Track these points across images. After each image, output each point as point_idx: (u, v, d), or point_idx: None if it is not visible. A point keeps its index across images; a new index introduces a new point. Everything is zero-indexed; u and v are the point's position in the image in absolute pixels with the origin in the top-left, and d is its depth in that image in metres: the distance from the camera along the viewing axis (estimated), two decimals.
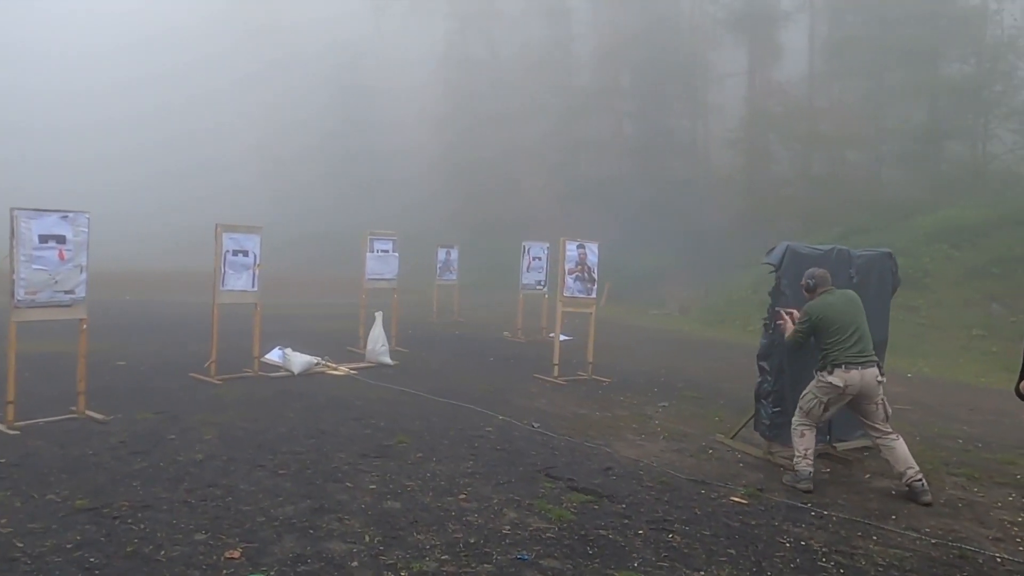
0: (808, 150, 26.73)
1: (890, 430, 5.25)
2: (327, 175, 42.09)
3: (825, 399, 5.21)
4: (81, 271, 6.17)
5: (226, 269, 8.25)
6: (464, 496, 4.70)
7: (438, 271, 16.17)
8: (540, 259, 13.11)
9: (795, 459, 5.34)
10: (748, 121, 27.84)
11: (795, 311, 5.70)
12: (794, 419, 5.45)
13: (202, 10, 49.69)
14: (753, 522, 4.53)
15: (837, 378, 5.11)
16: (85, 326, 6.36)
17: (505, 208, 36.80)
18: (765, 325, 6.11)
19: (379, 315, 9.80)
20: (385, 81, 42.75)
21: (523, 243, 13.09)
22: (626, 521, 4.40)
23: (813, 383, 5.34)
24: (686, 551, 4.04)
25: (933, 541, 4.37)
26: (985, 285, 13.42)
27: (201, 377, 8.17)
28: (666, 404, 8.03)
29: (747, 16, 27.89)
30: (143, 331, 11.99)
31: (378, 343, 9.65)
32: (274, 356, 9.46)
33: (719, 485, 5.28)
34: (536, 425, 6.73)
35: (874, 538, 4.38)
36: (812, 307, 5.36)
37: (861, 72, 26.54)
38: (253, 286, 8.56)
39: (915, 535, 4.47)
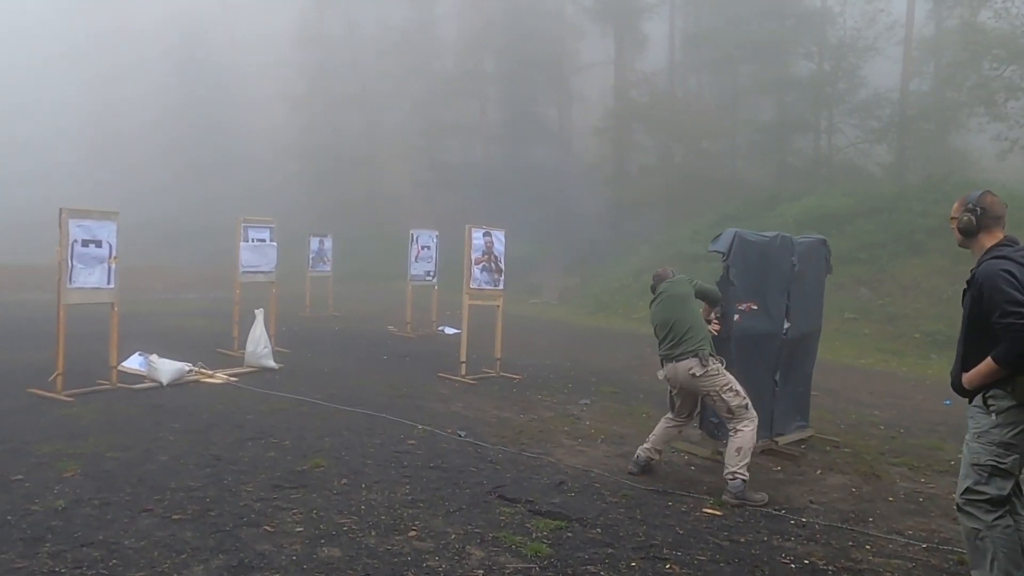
0: (670, 140, 27.45)
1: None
2: (165, 155, 38.60)
3: (670, 390, 5.33)
4: None
5: (74, 263, 6.87)
6: (414, 533, 3.93)
7: (310, 262, 15.00)
8: (429, 248, 12.31)
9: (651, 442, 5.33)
10: (614, 110, 28.21)
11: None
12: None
13: None
14: (742, 539, 4.08)
15: (660, 374, 5.26)
16: None
17: (365, 192, 35.43)
18: (716, 318, 5.73)
19: (260, 313, 8.66)
20: (233, 57, 39.87)
21: (411, 231, 12.23)
22: (611, 551, 3.82)
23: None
24: None
25: (924, 546, 4.12)
26: (852, 270, 14.09)
27: (45, 393, 6.77)
28: (587, 402, 7.57)
29: (612, 6, 28.14)
30: None
31: (259, 344, 8.52)
32: (134, 364, 8.13)
33: (683, 495, 4.83)
34: (463, 434, 6.02)
35: (867, 547, 4.06)
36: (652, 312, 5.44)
37: (717, 66, 27.61)
38: (109, 282, 7.21)
39: (902, 539, 4.21)
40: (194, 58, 38.60)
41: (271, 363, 8.58)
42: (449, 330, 12.73)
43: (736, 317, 5.65)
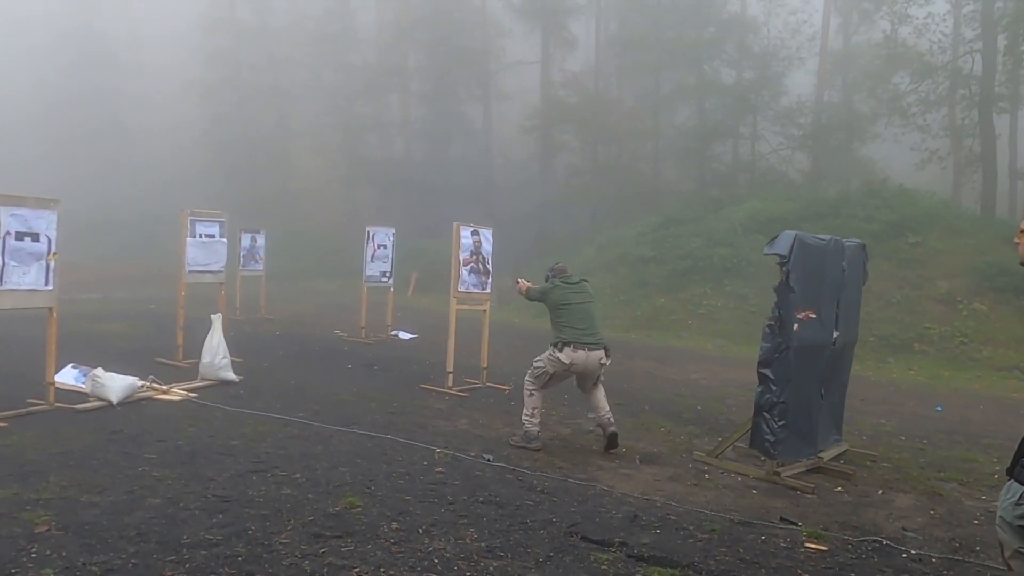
0: (597, 141, 27.37)
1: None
2: (59, 149, 35.34)
3: (552, 371, 5.69)
4: None
5: (6, 259, 5.69)
6: None
7: (241, 260, 13.75)
8: (386, 247, 11.42)
9: (524, 417, 5.75)
10: (541, 109, 27.86)
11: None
12: (526, 380, 5.88)
13: None
14: None
15: (565, 357, 5.59)
16: None
17: (279, 188, 33.72)
18: (770, 327, 5.29)
19: (218, 319, 7.62)
20: (134, 39, 37.09)
21: (367, 228, 11.30)
22: None
23: (546, 353, 5.75)
24: None
25: None
26: None
27: None
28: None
29: (539, 5, 27.74)
30: None
31: (218, 354, 7.47)
32: (68, 378, 6.95)
33: (767, 525, 4.35)
34: (490, 458, 5.32)
35: None
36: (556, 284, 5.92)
37: (640, 70, 27.74)
38: (47, 283, 6.06)
39: None
40: (90, 38, 35.52)
41: (231, 375, 7.55)
42: (403, 335, 11.91)
43: (795, 327, 5.23)
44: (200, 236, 8.52)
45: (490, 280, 8.20)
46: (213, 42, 32.72)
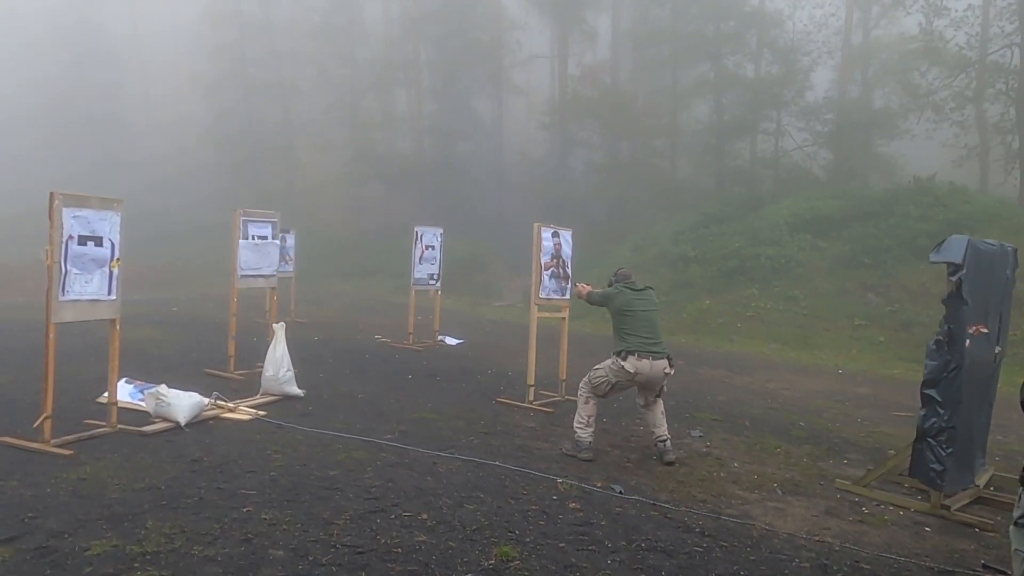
0: (617, 137, 26.80)
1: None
2: (58, 145, 34.55)
3: (615, 380, 5.43)
4: None
5: (68, 267, 5.08)
6: None
7: None
8: (434, 248, 10.81)
9: (576, 427, 5.53)
10: (559, 105, 27.27)
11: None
12: (581, 386, 5.63)
13: None
14: None
15: (630, 365, 5.34)
16: None
17: (284, 186, 33.00)
18: (937, 343, 4.73)
19: (282, 328, 7.02)
20: (135, 45, 36.33)
21: (416, 228, 10.68)
22: None
23: (608, 362, 5.48)
24: None
25: None
26: (857, 275, 13.68)
27: (27, 444, 4.96)
28: (701, 434, 6.44)
29: None
30: None
31: (282, 367, 6.87)
32: (122, 395, 6.32)
33: (972, 573, 3.79)
34: (620, 490, 4.75)
35: None
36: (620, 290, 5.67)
37: (660, 64, 27.15)
38: (110, 292, 5.45)
39: None
40: (90, 32, 34.72)
41: (296, 389, 6.95)
42: (450, 340, 11.32)
43: (967, 343, 4.67)
44: (253, 238, 7.90)
45: (569, 285, 7.61)
46: (217, 36, 32.02)
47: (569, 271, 7.57)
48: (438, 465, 5.06)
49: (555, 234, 7.38)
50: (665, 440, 5.48)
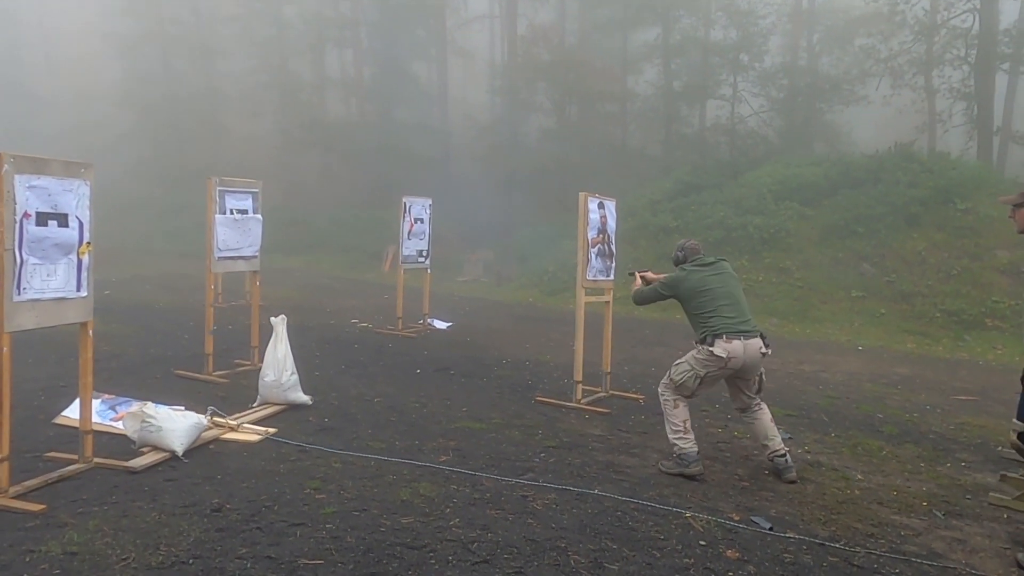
0: (568, 102, 25.79)
1: (759, 400, 4.81)
2: None
3: (704, 373, 4.59)
4: None
5: (23, 255, 3.74)
6: None
7: None
8: (423, 221, 9.59)
9: (673, 438, 4.61)
10: (509, 67, 25.99)
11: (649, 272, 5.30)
12: (663, 392, 4.77)
13: None
14: None
15: (720, 349, 4.49)
16: None
17: (211, 155, 30.58)
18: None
19: (282, 322, 5.77)
20: (35, 7, 32.78)
21: (404, 199, 9.41)
22: None
23: (691, 354, 4.68)
24: None
25: None
26: (851, 244, 13.19)
27: None
28: (788, 435, 5.60)
29: None
30: None
31: (285, 371, 5.63)
32: (96, 416, 4.98)
33: None
34: (768, 526, 3.83)
35: None
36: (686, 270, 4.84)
37: (609, 27, 26.23)
38: (80, 287, 4.12)
39: None
40: None
41: (302, 396, 5.73)
42: (439, 324, 10.18)
43: None
44: (231, 212, 6.55)
45: (614, 264, 6.61)
46: None
47: (613, 247, 6.57)
48: (530, 499, 4.02)
49: (601, 205, 6.34)
50: (784, 455, 4.63)
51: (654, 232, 14.63)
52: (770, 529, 3.78)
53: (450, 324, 10.31)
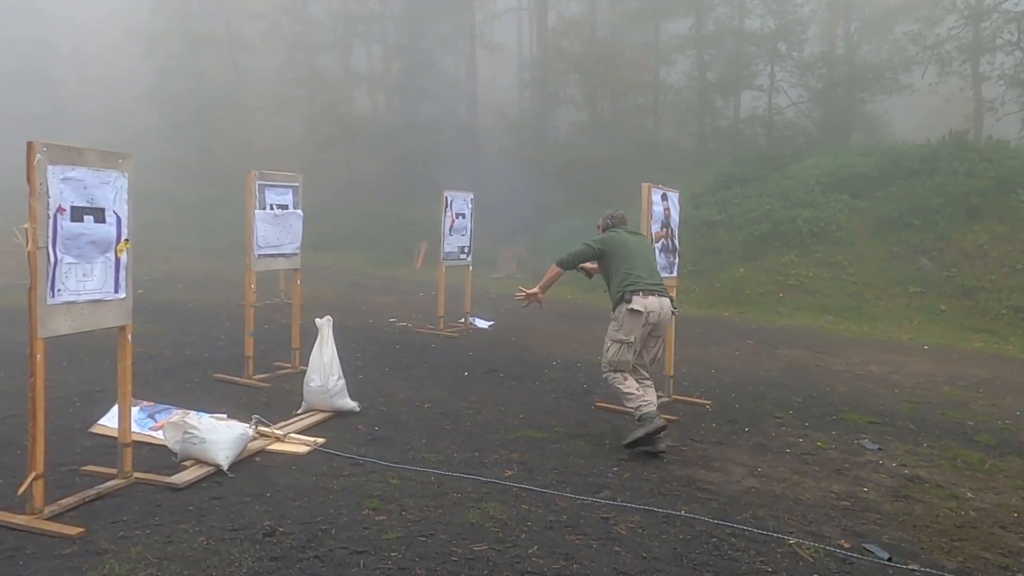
0: (601, 95, 25.29)
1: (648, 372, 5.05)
2: None
3: (631, 336, 4.82)
4: None
5: (58, 253, 3.40)
6: None
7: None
8: (464, 216, 9.21)
9: (633, 406, 4.74)
10: (540, 60, 25.51)
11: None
12: (606, 372, 4.96)
13: None
14: None
15: (638, 303, 4.76)
16: None
17: (236, 150, 30.45)
18: None
19: (328, 324, 5.42)
20: None
21: (445, 193, 9.04)
22: None
23: (613, 325, 4.93)
24: None
25: None
26: (906, 237, 12.60)
27: (10, 520, 3.33)
28: (877, 446, 5.14)
29: None
30: None
31: (332, 375, 5.28)
32: (134, 424, 4.65)
33: None
34: (886, 556, 3.39)
35: None
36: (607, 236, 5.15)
37: (643, 17, 25.67)
38: (118, 289, 3.79)
39: None
40: None
41: (349, 402, 5.38)
42: (481, 322, 9.80)
43: None
44: (271, 207, 6.21)
45: (677, 259, 6.18)
46: None
47: (677, 242, 6.13)
48: (612, 521, 3.61)
49: (664, 196, 5.90)
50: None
51: (697, 226, 14.11)
52: (889, 559, 3.34)
53: (492, 323, 9.95)
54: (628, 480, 4.23)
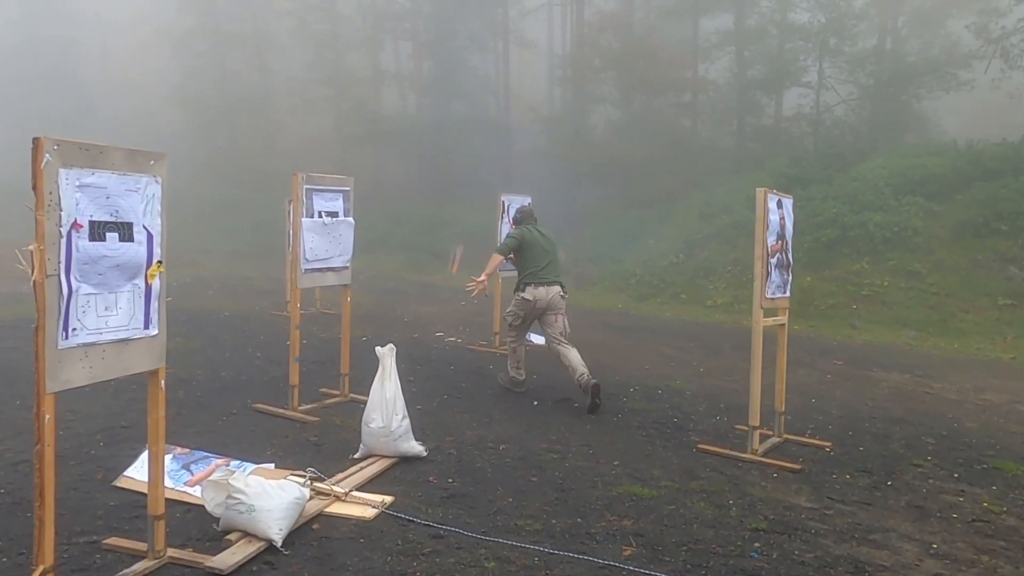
0: (639, 93, 24.38)
1: (566, 340, 6.06)
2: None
3: (523, 315, 6.15)
4: None
5: (75, 280, 2.61)
6: None
7: (290, 241, 10.54)
8: None
9: (512, 370, 6.33)
10: (575, 57, 24.63)
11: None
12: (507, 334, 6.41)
13: None
14: None
15: (529, 294, 6.03)
16: None
17: (263, 148, 29.92)
18: None
19: (391, 353, 4.62)
20: None
21: (502, 197, 8.23)
22: None
23: (514, 302, 6.20)
24: None
25: None
26: (990, 244, 11.59)
27: None
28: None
29: None
30: None
31: (395, 415, 4.47)
32: (167, 478, 3.87)
33: None
34: None
35: None
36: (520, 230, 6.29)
37: (681, 12, 24.69)
38: (148, 324, 3.00)
39: None
40: None
41: (416, 447, 4.57)
42: (535, 338, 8.94)
43: None
44: (319, 215, 5.42)
45: (791, 276, 5.31)
46: None
47: (791, 256, 5.26)
48: None
49: (779, 204, 5.03)
50: (585, 372, 5.84)
51: (747, 228, 13.15)
52: None
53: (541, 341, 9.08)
54: (777, 563, 3.37)
